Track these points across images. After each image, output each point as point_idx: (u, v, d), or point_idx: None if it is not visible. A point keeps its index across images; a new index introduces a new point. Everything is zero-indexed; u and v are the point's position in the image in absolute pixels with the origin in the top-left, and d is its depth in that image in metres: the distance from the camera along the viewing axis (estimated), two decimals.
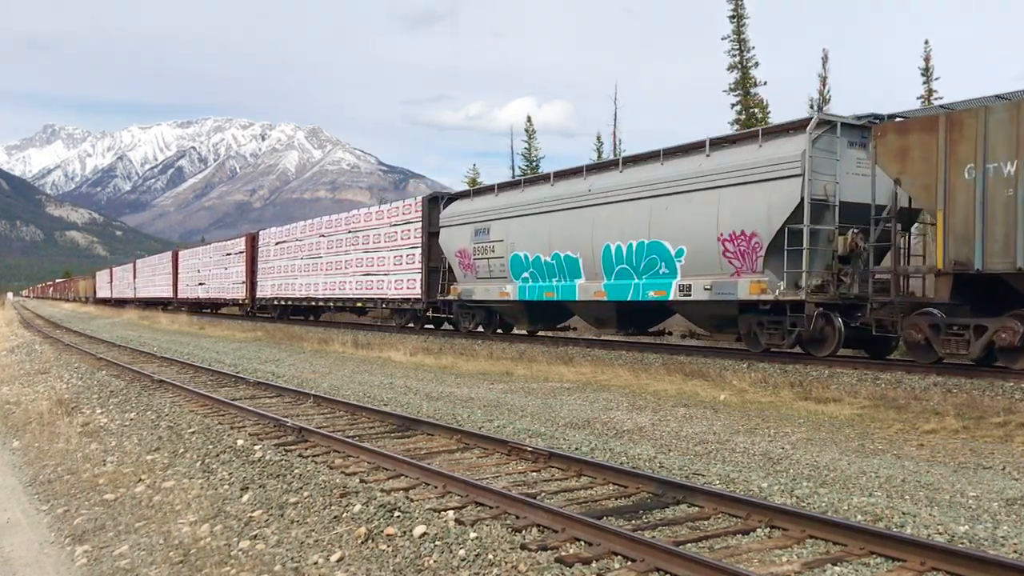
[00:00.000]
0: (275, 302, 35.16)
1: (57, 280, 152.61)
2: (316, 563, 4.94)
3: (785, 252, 13.69)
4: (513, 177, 39.12)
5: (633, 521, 5.48)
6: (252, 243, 38.16)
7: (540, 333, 22.01)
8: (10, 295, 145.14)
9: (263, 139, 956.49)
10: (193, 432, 9.18)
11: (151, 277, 58.98)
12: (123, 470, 7.73)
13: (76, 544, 5.96)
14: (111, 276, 79.69)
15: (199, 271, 46.28)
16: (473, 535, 5.11)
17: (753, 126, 30.01)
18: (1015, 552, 4.84)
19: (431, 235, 23.54)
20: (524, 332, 22.14)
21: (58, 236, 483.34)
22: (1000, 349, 11.38)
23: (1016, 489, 6.25)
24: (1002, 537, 5.08)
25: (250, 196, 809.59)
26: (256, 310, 38.42)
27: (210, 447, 8.31)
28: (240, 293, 39.13)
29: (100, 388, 13.58)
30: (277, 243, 34.97)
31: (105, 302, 78.58)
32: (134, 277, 64.45)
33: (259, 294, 36.88)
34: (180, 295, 50.08)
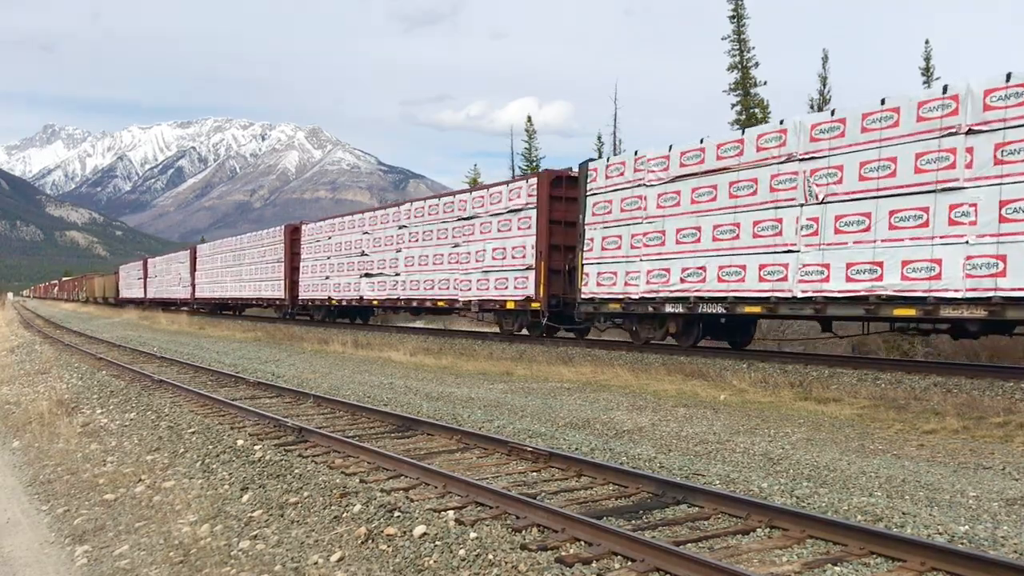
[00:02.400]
0: (651, 306, 15.88)
1: (63, 279, 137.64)
2: (316, 563, 4.94)
3: None
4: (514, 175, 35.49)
5: (633, 521, 5.48)
6: (548, 187, 19.24)
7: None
8: (10, 295, 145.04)
9: (263, 139, 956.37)
10: (193, 432, 9.18)
11: (231, 268, 40.49)
12: (123, 470, 7.73)
13: (76, 544, 5.96)
14: (144, 270, 60.18)
15: (365, 254, 27.29)
16: (473, 535, 5.11)
17: (753, 126, 29.94)
18: (1015, 552, 4.84)
19: None
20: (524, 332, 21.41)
21: (58, 236, 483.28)
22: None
23: (1016, 489, 6.25)
24: (1002, 537, 5.08)
25: (250, 196, 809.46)
26: (560, 321, 19.45)
27: (210, 447, 8.31)
28: (511, 289, 20.02)
29: (100, 388, 13.58)
30: (674, 181, 15.38)
31: (134, 304, 60.94)
32: (192, 270, 46.89)
33: (591, 290, 17.25)
34: (304, 293, 32.33)
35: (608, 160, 17.43)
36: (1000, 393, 10.31)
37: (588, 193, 17.48)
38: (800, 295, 12.88)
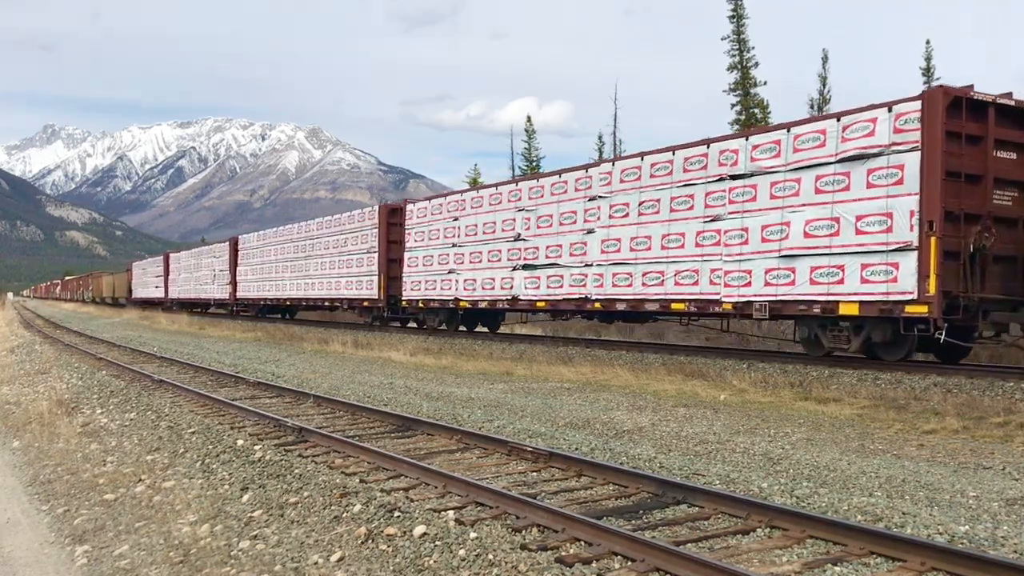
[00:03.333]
0: None
1: (66, 278, 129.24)
2: (316, 563, 4.94)
3: None
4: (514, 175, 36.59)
5: (633, 521, 5.48)
6: (943, 114, 11.65)
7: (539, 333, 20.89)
8: (10, 295, 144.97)
9: (263, 139, 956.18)
10: (193, 432, 9.18)
11: (293, 262, 32.20)
12: (123, 470, 7.73)
13: (76, 544, 5.96)
14: (166, 267, 52.31)
15: (521, 238, 19.66)
16: (473, 535, 5.11)
17: (751, 126, 29.96)
18: (1015, 552, 4.84)
19: None
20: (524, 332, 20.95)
21: (58, 236, 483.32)
22: None
23: (1016, 489, 6.25)
24: (1002, 537, 5.08)
25: (250, 196, 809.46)
26: (964, 337, 12.51)
27: (210, 447, 8.31)
28: (852, 284, 12.51)
29: (100, 388, 13.58)
30: None
31: (151, 306, 53.59)
32: (233, 265, 38.58)
33: None
34: (410, 293, 24.10)
35: None
36: (1000, 393, 10.32)
37: None
38: None
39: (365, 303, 26.89)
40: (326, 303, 30.17)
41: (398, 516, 5.59)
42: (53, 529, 6.41)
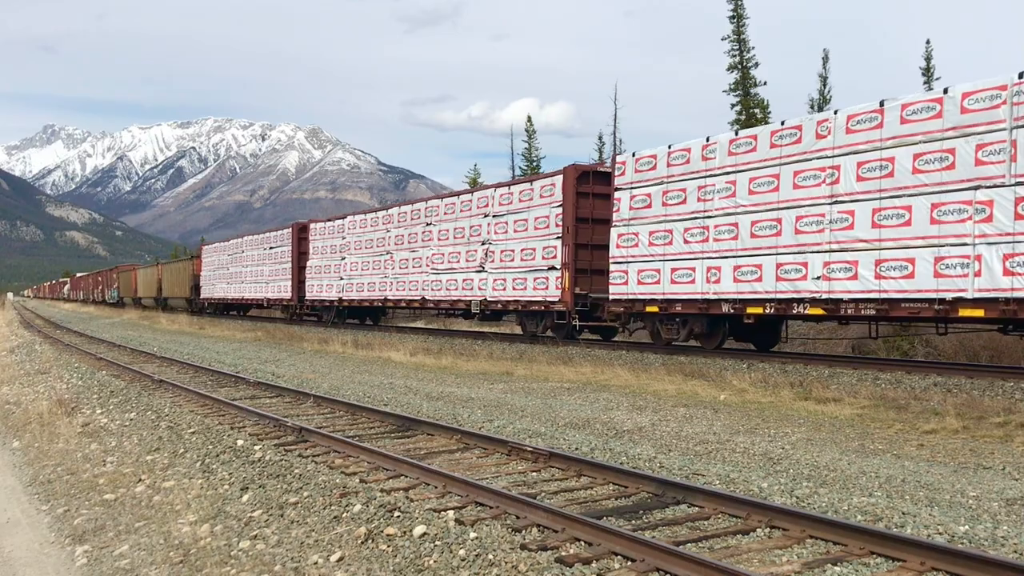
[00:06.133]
0: None
1: (77, 275, 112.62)
2: (316, 563, 4.94)
3: None
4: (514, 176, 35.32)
5: (633, 521, 5.48)
6: None
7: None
8: (10, 295, 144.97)
9: (263, 139, 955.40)
10: (193, 432, 9.18)
11: (779, 208, 13.36)
12: (123, 470, 7.73)
13: (76, 544, 5.96)
14: (295, 246, 31.65)
15: None
16: (473, 535, 5.11)
17: (753, 126, 29.92)
18: (1015, 552, 4.84)
19: None
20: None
21: (58, 236, 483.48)
22: None
23: (1016, 489, 6.25)
24: (1002, 537, 5.08)
25: (250, 196, 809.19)
26: None
27: (210, 447, 8.31)
28: None
29: (100, 388, 13.58)
30: None
31: (231, 311, 38.83)
32: (571, 232, 17.79)
33: None
34: None
35: None
36: (1000, 393, 10.32)
37: None
38: None
39: None
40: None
41: (398, 516, 5.59)
42: (53, 529, 6.41)
